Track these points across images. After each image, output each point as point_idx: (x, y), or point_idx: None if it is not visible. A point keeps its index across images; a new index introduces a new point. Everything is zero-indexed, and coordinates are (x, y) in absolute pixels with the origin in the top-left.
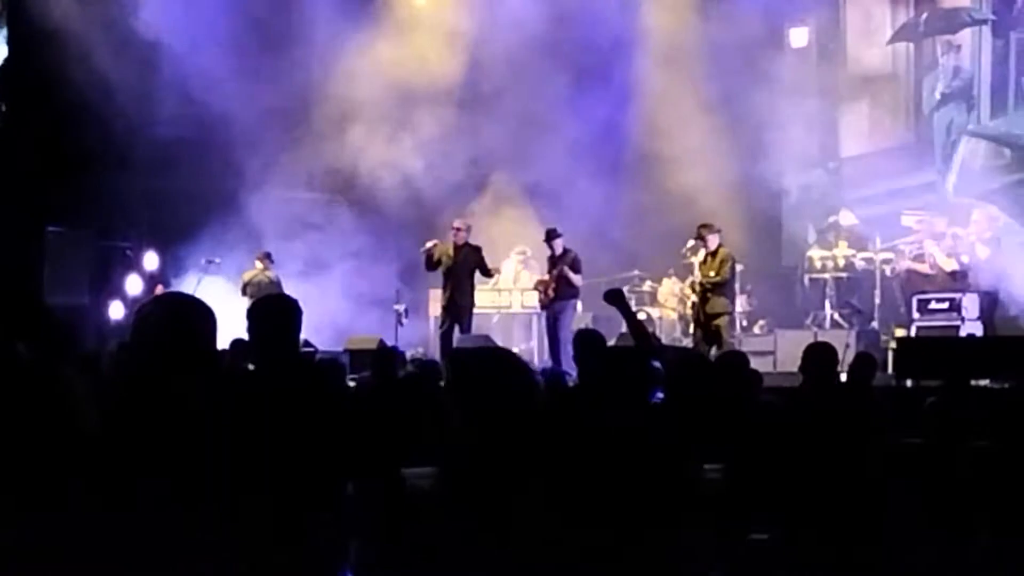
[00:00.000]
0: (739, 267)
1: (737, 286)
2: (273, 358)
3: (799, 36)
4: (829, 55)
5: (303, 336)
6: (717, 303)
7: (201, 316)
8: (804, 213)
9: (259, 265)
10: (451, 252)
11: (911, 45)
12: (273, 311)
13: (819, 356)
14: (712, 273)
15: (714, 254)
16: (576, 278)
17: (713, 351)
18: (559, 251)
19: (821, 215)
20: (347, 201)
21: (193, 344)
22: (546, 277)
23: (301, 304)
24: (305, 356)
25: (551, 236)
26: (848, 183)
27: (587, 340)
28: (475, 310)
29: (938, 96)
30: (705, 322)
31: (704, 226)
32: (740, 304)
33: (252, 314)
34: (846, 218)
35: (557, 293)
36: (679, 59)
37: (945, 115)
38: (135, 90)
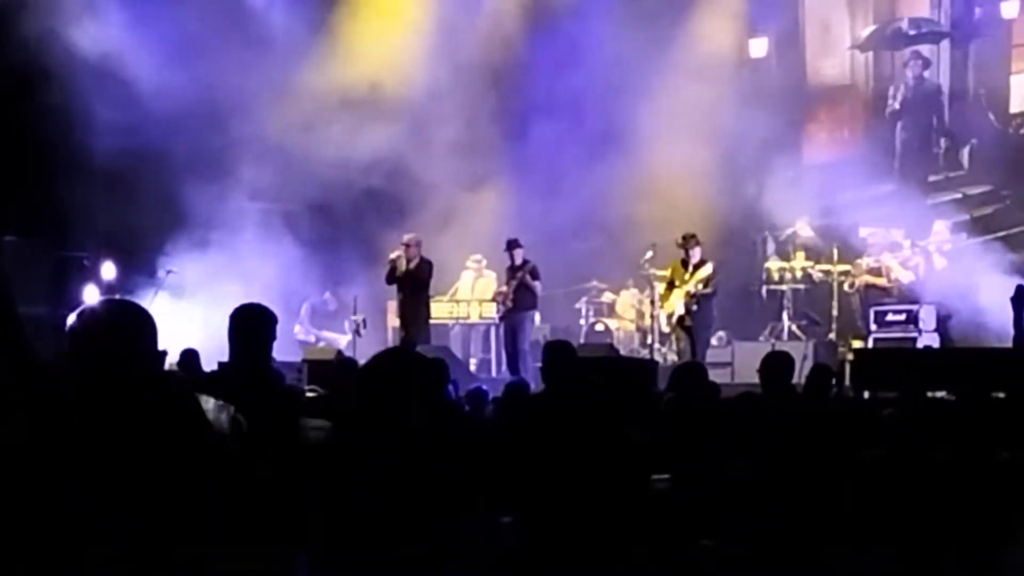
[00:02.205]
0: None
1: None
2: (244, 367)
3: (758, 46)
4: (788, 65)
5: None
6: (703, 316)
7: (140, 321)
8: (763, 223)
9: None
10: (403, 267)
11: (870, 56)
12: (246, 319)
13: (776, 364)
14: (701, 285)
15: (697, 266)
16: (536, 285)
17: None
18: (519, 261)
19: (780, 225)
20: (305, 210)
21: (135, 349)
22: (504, 288)
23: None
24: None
25: (512, 246)
26: (808, 192)
27: (557, 351)
28: (433, 321)
29: (897, 106)
30: (691, 332)
31: (691, 236)
32: None
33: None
34: (803, 229)
35: (516, 304)
36: (638, 69)
37: (906, 125)
38: (91, 99)
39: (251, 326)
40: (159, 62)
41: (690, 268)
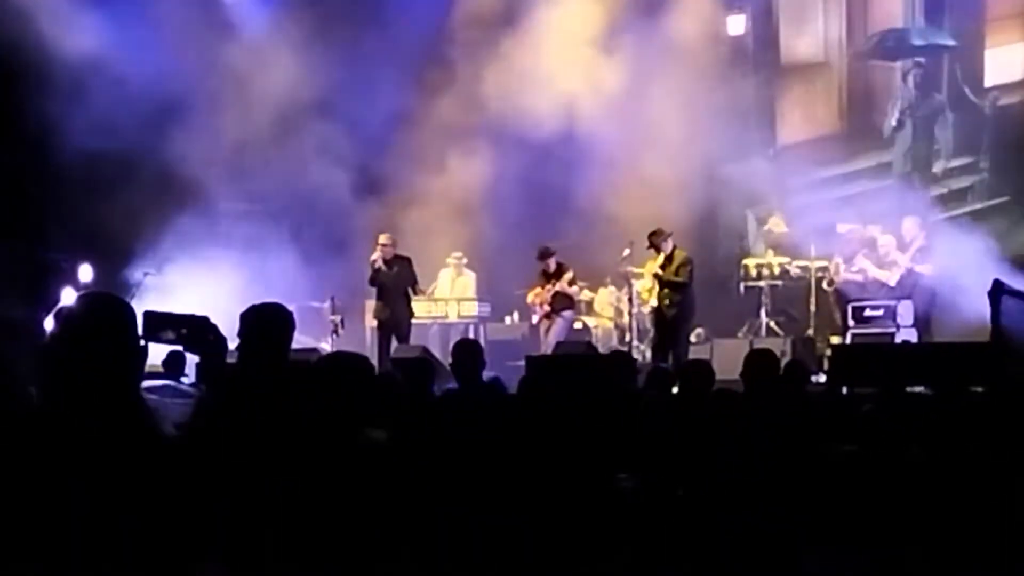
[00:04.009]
0: None
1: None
2: (261, 364)
3: (736, 24)
4: (765, 43)
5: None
6: (680, 308)
7: (120, 315)
8: (744, 203)
9: None
10: (383, 267)
11: (843, 34)
12: (264, 319)
13: (761, 363)
14: (672, 273)
15: (670, 258)
16: (572, 290)
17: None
18: (552, 268)
19: (761, 204)
20: (282, 212)
21: (123, 342)
22: (539, 290)
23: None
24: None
25: (544, 255)
26: (785, 171)
27: (466, 349)
28: (412, 320)
29: (894, 123)
30: (668, 327)
31: (655, 233)
32: None
33: (243, 320)
34: (777, 225)
35: (552, 307)
36: (613, 52)
37: (904, 140)
38: (70, 101)
39: (268, 327)
40: (141, 65)
41: (658, 262)
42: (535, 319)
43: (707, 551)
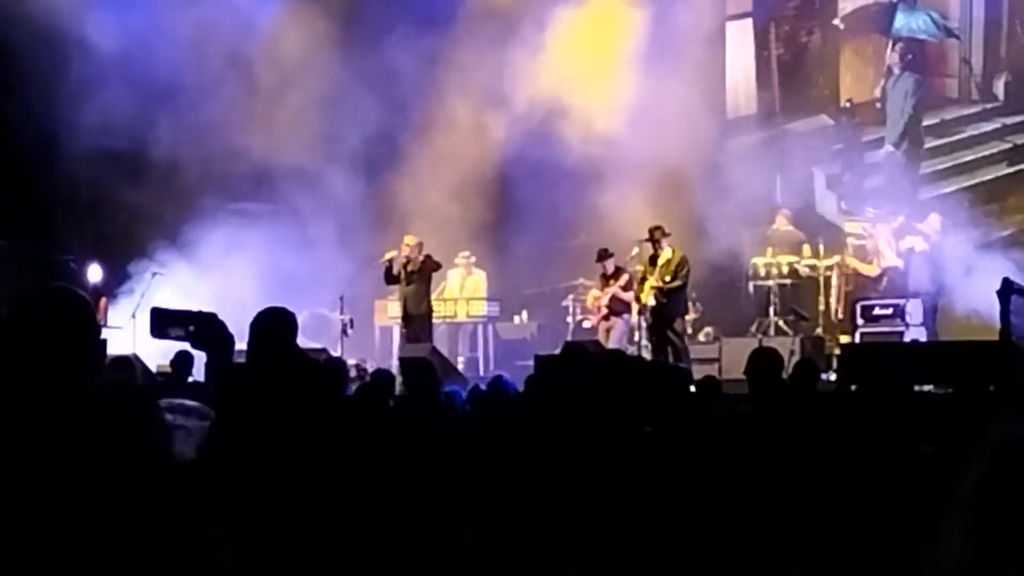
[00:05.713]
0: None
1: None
2: (268, 364)
3: None
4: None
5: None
6: (674, 309)
7: (82, 308)
8: (812, 160)
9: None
10: (406, 266)
11: None
12: (269, 321)
13: (764, 362)
14: (668, 278)
15: (668, 258)
16: (626, 295)
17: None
18: (611, 270)
19: (831, 161)
20: (291, 211)
21: (78, 337)
22: (599, 292)
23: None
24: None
25: (603, 256)
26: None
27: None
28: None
29: (877, 105)
30: (660, 328)
31: (657, 228)
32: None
33: (253, 326)
34: (783, 224)
35: (610, 310)
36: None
37: (892, 116)
38: (79, 102)
39: (268, 330)
40: (150, 65)
41: (659, 262)
42: (593, 320)
43: (707, 551)
